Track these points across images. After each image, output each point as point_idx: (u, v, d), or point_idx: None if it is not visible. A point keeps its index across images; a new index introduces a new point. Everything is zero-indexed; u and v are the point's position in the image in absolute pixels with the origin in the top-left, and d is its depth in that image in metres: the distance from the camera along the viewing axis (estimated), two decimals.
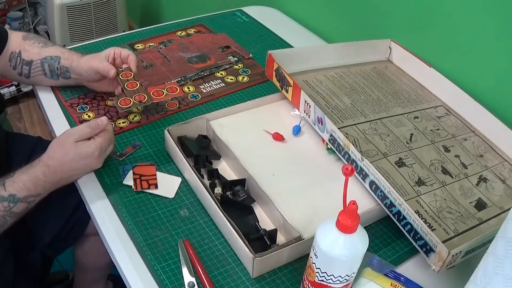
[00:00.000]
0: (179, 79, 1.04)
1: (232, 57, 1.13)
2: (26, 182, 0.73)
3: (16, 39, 0.94)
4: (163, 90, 0.92)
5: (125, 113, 0.94)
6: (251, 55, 1.14)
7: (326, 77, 0.97)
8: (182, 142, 0.85)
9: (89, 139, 0.78)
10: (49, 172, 0.75)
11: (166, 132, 0.83)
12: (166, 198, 0.78)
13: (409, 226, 0.68)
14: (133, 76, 0.92)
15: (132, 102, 0.89)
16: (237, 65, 1.11)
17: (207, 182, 0.80)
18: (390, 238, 0.75)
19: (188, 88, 1.02)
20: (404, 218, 0.68)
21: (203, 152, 0.83)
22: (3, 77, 1.00)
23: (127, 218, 0.74)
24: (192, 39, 1.19)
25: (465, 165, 0.84)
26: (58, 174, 0.76)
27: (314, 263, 0.58)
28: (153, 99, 0.90)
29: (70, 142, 0.76)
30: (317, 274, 0.58)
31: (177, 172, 0.83)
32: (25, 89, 2.13)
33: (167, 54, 1.12)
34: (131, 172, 0.81)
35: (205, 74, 1.06)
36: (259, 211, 0.76)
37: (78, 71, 0.92)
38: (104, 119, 0.80)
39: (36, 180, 0.74)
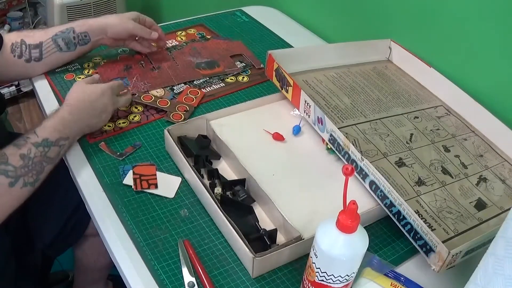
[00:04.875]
0: (182, 84, 1.02)
1: (239, 62, 1.11)
2: (56, 125, 0.78)
3: (11, 34, 0.95)
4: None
5: (125, 113, 0.94)
6: (262, 66, 1.10)
7: (326, 77, 0.97)
8: (182, 142, 0.85)
9: None
10: (73, 109, 0.81)
11: (166, 132, 0.83)
12: (166, 198, 0.78)
13: (409, 226, 0.68)
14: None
15: (182, 117, 0.93)
16: (245, 73, 1.08)
17: (207, 182, 0.80)
18: (390, 238, 0.75)
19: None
20: (404, 218, 0.68)
21: (203, 152, 0.83)
22: (2, 80, 1.01)
23: (127, 218, 0.74)
24: (206, 44, 1.16)
25: (465, 165, 0.84)
26: (81, 112, 0.82)
27: (314, 263, 0.58)
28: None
29: (84, 84, 0.86)
30: (317, 274, 0.58)
31: (177, 172, 0.83)
32: (25, 89, 2.13)
33: (177, 57, 1.10)
34: (131, 172, 0.81)
35: (211, 81, 1.04)
36: (259, 211, 0.76)
37: (108, 31, 0.99)
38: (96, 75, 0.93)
39: (63, 121, 0.79)
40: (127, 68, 1.04)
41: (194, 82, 1.03)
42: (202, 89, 1.01)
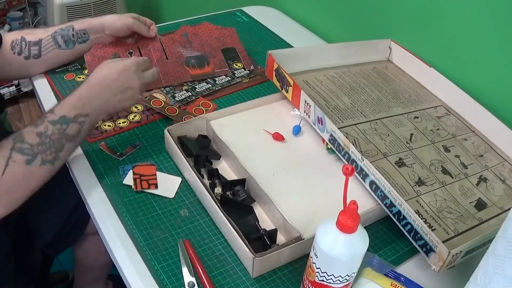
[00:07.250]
0: (184, 91, 1.00)
1: (231, 61, 1.09)
2: (74, 102, 0.75)
3: (12, 33, 0.95)
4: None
5: (125, 113, 0.94)
6: (252, 67, 1.09)
7: (326, 77, 0.97)
8: (182, 142, 0.85)
9: None
10: (92, 87, 0.77)
11: (166, 132, 0.83)
12: (166, 198, 0.78)
13: (409, 226, 0.68)
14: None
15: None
16: (237, 78, 1.06)
17: (207, 182, 0.80)
18: (390, 238, 0.75)
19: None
20: (404, 218, 0.68)
21: (203, 152, 0.83)
22: (2, 79, 1.01)
23: (127, 218, 0.74)
24: (198, 30, 1.12)
25: (465, 165, 0.84)
26: (101, 88, 0.78)
27: (314, 263, 0.58)
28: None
29: (108, 61, 0.82)
30: (317, 274, 0.58)
31: (177, 172, 0.83)
32: (25, 89, 2.13)
33: (167, 46, 1.07)
34: (131, 172, 0.81)
35: (198, 86, 1.02)
36: (259, 211, 0.76)
37: (106, 27, 0.98)
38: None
39: (82, 98, 0.76)
40: (115, 58, 1.01)
41: (197, 90, 1.01)
42: (205, 96, 1.00)
